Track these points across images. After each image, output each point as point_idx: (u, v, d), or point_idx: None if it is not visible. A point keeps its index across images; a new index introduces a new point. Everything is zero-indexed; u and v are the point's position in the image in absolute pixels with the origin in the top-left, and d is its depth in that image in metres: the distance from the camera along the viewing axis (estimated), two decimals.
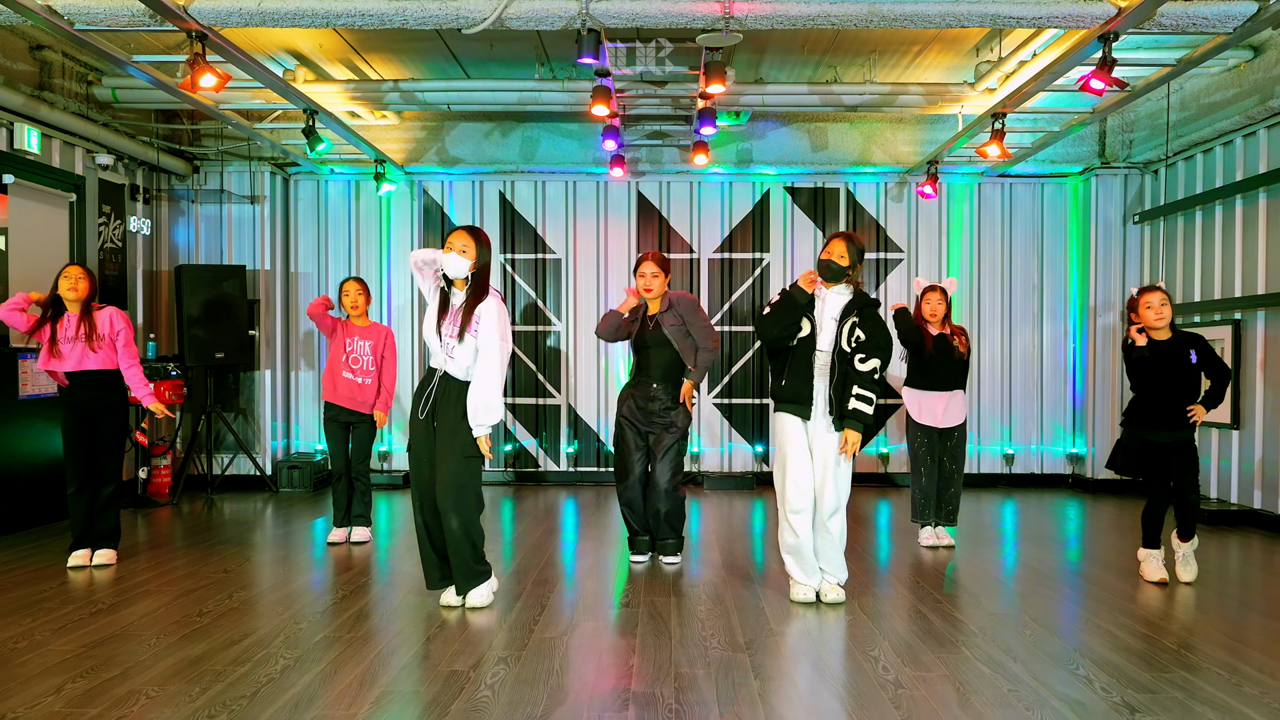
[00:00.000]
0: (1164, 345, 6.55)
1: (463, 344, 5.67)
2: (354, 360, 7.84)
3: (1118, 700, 4.31)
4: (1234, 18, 6.37)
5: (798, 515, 5.94)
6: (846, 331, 5.89)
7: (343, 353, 7.85)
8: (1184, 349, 6.54)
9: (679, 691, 4.39)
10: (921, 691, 4.42)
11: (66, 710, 4.14)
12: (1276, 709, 4.21)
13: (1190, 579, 6.60)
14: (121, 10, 6.35)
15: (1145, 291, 6.57)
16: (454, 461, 5.68)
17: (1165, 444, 6.58)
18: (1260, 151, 8.95)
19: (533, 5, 6.39)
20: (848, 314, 5.91)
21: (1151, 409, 6.61)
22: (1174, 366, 6.52)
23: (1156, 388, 6.56)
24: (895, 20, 6.46)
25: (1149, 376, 6.57)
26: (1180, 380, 6.53)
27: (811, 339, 5.93)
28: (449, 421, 5.72)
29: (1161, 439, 6.59)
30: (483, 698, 4.29)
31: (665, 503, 7.02)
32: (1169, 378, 6.53)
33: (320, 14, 6.39)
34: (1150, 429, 6.62)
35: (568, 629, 5.42)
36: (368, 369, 7.86)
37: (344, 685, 4.46)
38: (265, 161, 11.12)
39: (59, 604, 5.92)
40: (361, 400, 7.87)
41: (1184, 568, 6.66)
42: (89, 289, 6.99)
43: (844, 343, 5.88)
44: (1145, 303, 6.54)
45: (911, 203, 11.55)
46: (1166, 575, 6.59)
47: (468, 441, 5.70)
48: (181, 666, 4.72)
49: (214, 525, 8.77)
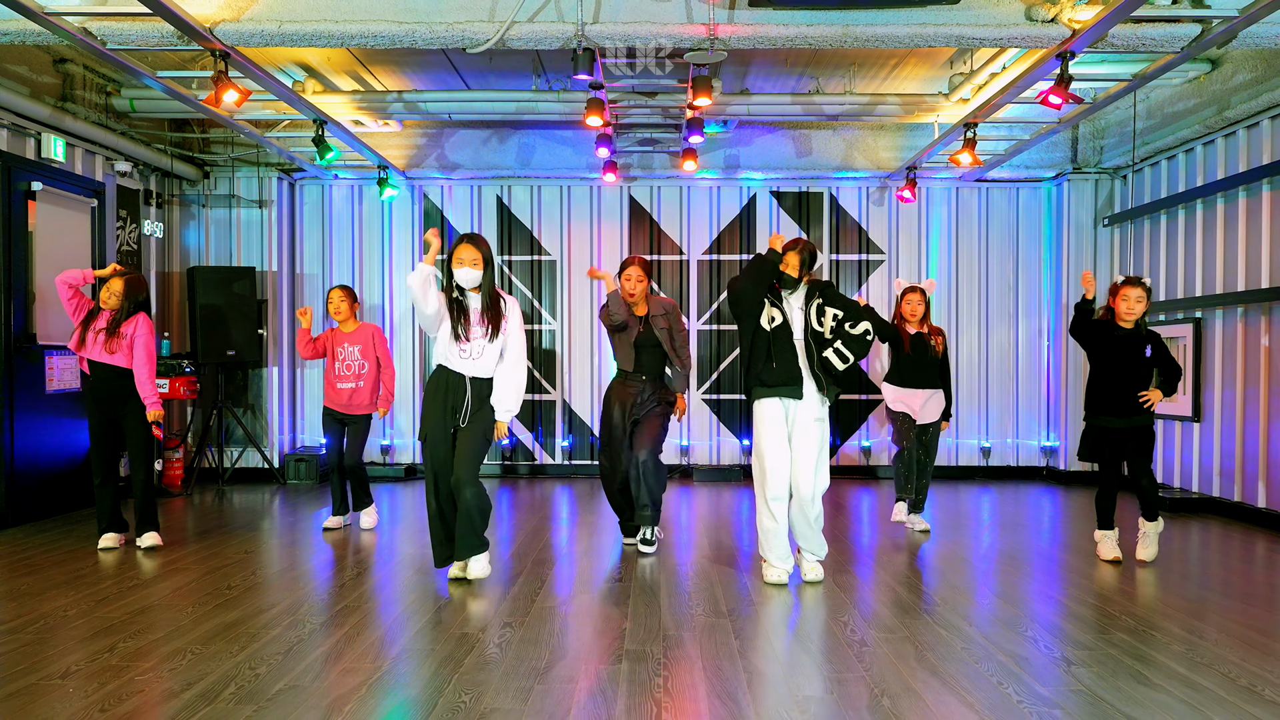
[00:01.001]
0: (1123, 332, 6.97)
1: (492, 344, 6.28)
2: (346, 367, 8.25)
3: (1058, 655, 4.84)
4: (1180, 39, 6.86)
5: (777, 502, 6.33)
6: (814, 314, 6.38)
7: (335, 362, 8.28)
8: (1141, 342, 6.98)
9: (666, 649, 4.91)
10: (884, 649, 4.94)
11: (123, 664, 4.65)
12: (1199, 663, 4.73)
13: (1147, 558, 7.02)
14: (152, 32, 6.82)
15: (1127, 284, 6.97)
16: (476, 440, 6.24)
17: (1119, 429, 7.01)
18: (1218, 159, 9.47)
19: (532, 27, 6.87)
20: (810, 300, 6.41)
21: (1104, 395, 7.04)
22: (1127, 354, 6.94)
23: (1107, 373, 7.00)
24: (867, 41, 6.95)
25: (1101, 355, 7.03)
26: (1131, 368, 6.94)
27: (787, 326, 6.37)
28: (480, 413, 6.30)
29: (1115, 424, 7.01)
30: (492, 654, 4.81)
31: (648, 458, 7.26)
32: (1121, 364, 6.96)
33: (336, 35, 6.87)
34: (1104, 415, 7.05)
35: (566, 600, 5.93)
36: (359, 373, 8.25)
37: (367, 644, 4.97)
38: (272, 167, 11.61)
39: (96, 579, 6.42)
40: (357, 404, 8.28)
41: (1143, 548, 7.07)
42: (120, 301, 7.37)
43: (814, 323, 6.37)
44: (1123, 294, 6.96)
45: (892, 206, 12.07)
46: (1120, 555, 7.07)
47: (489, 424, 6.32)
48: (219, 630, 5.22)
49: (226, 514, 9.25)
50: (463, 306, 6.30)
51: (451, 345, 6.28)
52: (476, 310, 6.29)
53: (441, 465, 6.26)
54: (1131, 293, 6.94)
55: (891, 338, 8.25)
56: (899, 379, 8.37)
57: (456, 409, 6.28)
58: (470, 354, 6.26)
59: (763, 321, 6.41)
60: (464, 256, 6.25)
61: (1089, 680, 4.48)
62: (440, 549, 6.38)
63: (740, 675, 4.53)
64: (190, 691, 4.27)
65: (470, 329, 6.25)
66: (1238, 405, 9.17)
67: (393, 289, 12.12)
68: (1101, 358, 7.07)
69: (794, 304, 6.45)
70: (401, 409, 12.03)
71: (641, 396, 7.43)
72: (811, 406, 6.35)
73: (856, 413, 12.02)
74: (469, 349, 6.26)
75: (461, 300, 6.33)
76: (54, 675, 4.50)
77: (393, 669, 4.60)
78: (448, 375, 6.30)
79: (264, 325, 11.55)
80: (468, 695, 4.22)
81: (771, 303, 6.42)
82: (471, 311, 6.29)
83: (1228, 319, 9.32)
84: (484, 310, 6.28)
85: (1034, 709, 4.11)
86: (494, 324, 6.27)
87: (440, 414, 6.28)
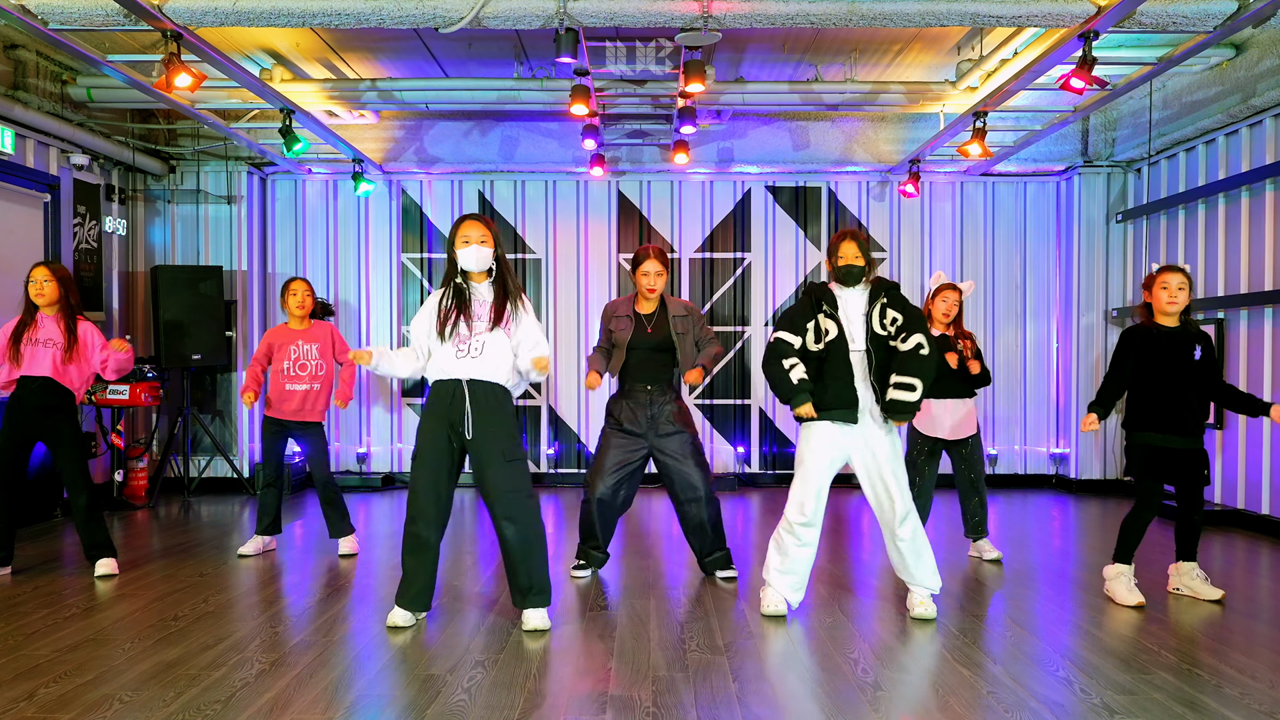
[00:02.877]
0: (1166, 332, 5.94)
1: (493, 336, 5.37)
2: (300, 366, 7.36)
3: (1097, 702, 4.28)
4: (1213, 16, 6.36)
5: (805, 529, 5.62)
6: (878, 315, 5.58)
7: (286, 360, 7.36)
8: (1189, 342, 5.91)
9: (657, 694, 4.35)
10: (900, 693, 4.39)
11: (39, 715, 4.07)
12: (1257, 709, 4.19)
13: (1215, 596, 6.04)
14: (96, 10, 6.28)
15: (1165, 270, 5.95)
16: (498, 468, 5.34)
17: (1174, 450, 5.91)
18: (1242, 150, 8.96)
19: (510, 4, 6.34)
20: (874, 300, 5.62)
21: (1154, 409, 5.95)
22: (1173, 358, 5.89)
23: (1154, 381, 5.93)
24: (874, 19, 6.43)
25: (1143, 363, 5.96)
26: (1182, 373, 5.88)
27: (843, 340, 5.57)
28: (484, 429, 5.35)
29: (1172, 444, 5.90)
30: (459, 701, 4.24)
31: (708, 509, 6.51)
32: (1169, 369, 5.89)
33: (296, 13, 6.33)
34: (1156, 432, 5.93)
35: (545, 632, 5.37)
36: (317, 373, 7.39)
37: (319, 689, 4.40)
38: (242, 161, 11.04)
39: (32, 609, 5.84)
40: (311, 409, 7.41)
41: (1203, 585, 6.07)
42: (58, 291, 6.68)
43: (877, 327, 5.57)
44: (1162, 282, 5.93)
45: (894, 202, 11.54)
46: (1143, 598, 5.98)
47: (506, 446, 5.37)
48: (156, 671, 4.65)
49: (191, 528, 8.69)
50: (464, 297, 5.40)
51: (445, 347, 5.35)
52: (485, 301, 5.41)
53: (427, 489, 5.38)
54: (1172, 279, 5.87)
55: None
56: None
57: (455, 422, 5.33)
58: (469, 351, 5.32)
59: (809, 342, 5.63)
60: (470, 235, 5.35)
61: None
62: (408, 585, 5.46)
63: None
64: None
65: (472, 322, 5.34)
66: None
67: (368, 289, 11.56)
68: (1145, 363, 5.95)
69: (853, 310, 5.65)
70: (377, 416, 11.49)
71: (651, 410, 6.51)
72: (879, 422, 5.59)
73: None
74: (468, 345, 5.32)
75: (464, 289, 5.43)
76: None
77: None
78: (444, 385, 5.38)
79: (233, 328, 10.96)
80: None
81: (826, 314, 5.63)
82: (475, 303, 5.40)
83: (1253, 320, 8.79)
84: (494, 300, 5.40)
85: None
86: (498, 317, 5.35)
87: (434, 427, 5.37)
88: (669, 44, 7.84)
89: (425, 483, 5.40)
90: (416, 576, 5.47)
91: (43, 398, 6.65)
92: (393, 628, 5.43)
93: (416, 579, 5.47)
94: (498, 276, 5.47)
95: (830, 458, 5.61)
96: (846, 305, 5.65)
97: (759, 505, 9.78)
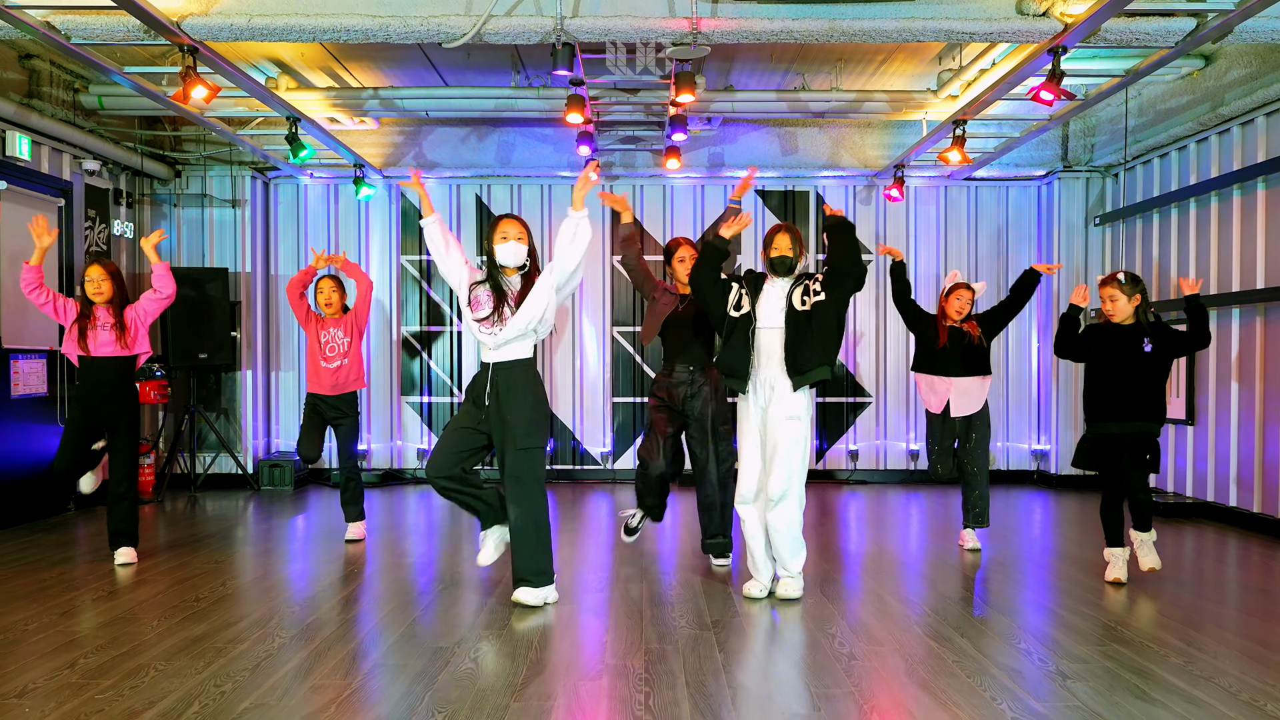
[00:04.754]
0: (1114, 328, 6.44)
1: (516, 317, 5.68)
2: (330, 348, 7.99)
3: (1052, 669, 4.66)
4: (1174, 33, 6.71)
5: (742, 504, 6.02)
6: (800, 294, 5.92)
7: (319, 344, 8.01)
8: (1138, 336, 6.37)
9: (648, 664, 4.71)
10: (873, 663, 4.76)
11: (82, 681, 4.43)
12: (1197, 675, 4.56)
13: (1156, 566, 6.42)
14: (117, 26, 6.61)
15: (1102, 284, 6.47)
16: (511, 454, 5.75)
17: (1115, 435, 6.43)
18: (1212, 157, 9.32)
19: (510, 21, 6.68)
20: (795, 286, 5.97)
21: (1098, 398, 6.47)
22: (1121, 350, 6.37)
23: (1101, 372, 6.45)
24: (854, 35, 6.78)
25: (1096, 354, 6.47)
26: (1126, 365, 6.35)
27: (750, 316, 5.95)
28: (503, 412, 5.74)
29: (1110, 430, 6.43)
30: (467, 669, 4.60)
31: (721, 494, 6.79)
32: (1114, 361, 6.39)
33: (308, 30, 6.66)
34: (1100, 420, 6.48)
35: (545, 611, 5.73)
36: (343, 352, 8.02)
37: (338, 659, 4.76)
38: (246, 166, 11.37)
39: (61, 591, 6.20)
40: (342, 383, 7.99)
41: (1144, 557, 6.48)
42: (113, 289, 7.08)
43: (797, 303, 5.90)
44: (1102, 296, 6.47)
45: (880, 205, 11.90)
46: (1124, 577, 6.46)
47: (521, 433, 5.72)
48: (184, 645, 5.01)
49: (199, 521, 9.03)
50: (500, 290, 5.76)
51: (481, 333, 5.74)
52: (515, 294, 5.76)
53: (445, 446, 5.79)
54: (1105, 291, 6.43)
55: (927, 335, 7.64)
56: (929, 366, 7.65)
57: (478, 399, 5.79)
58: (501, 336, 5.70)
59: (729, 306, 6.03)
60: (508, 232, 5.77)
61: (1086, 695, 4.30)
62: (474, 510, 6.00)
63: (724, 691, 4.34)
64: (151, 711, 4.06)
65: (503, 312, 5.69)
66: (1233, 408, 9.03)
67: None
68: (1094, 358, 6.50)
69: (774, 296, 6.01)
70: (377, 414, 11.82)
71: (690, 389, 6.76)
72: (786, 404, 5.90)
73: (843, 416, 11.85)
74: (494, 332, 5.70)
75: (499, 281, 5.80)
76: (9, 694, 4.28)
77: (364, 686, 4.40)
78: (482, 369, 5.85)
79: (237, 327, 11.30)
80: (441, 714, 4.02)
81: (746, 292, 6.03)
82: (510, 296, 5.76)
83: (1222, 320, 9.15)
84: (520, 292, 5.75)
85: None
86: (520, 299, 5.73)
87: (469, 403, 5.85)
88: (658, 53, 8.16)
89: (447, 438, 5.84)
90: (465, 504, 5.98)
91: (106, 387, 7.02)
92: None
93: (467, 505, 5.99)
94: (529, 270, 5.88)
95: (754, 431, 6.00)
96: (769, 291, 6.04)
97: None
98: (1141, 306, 6.41)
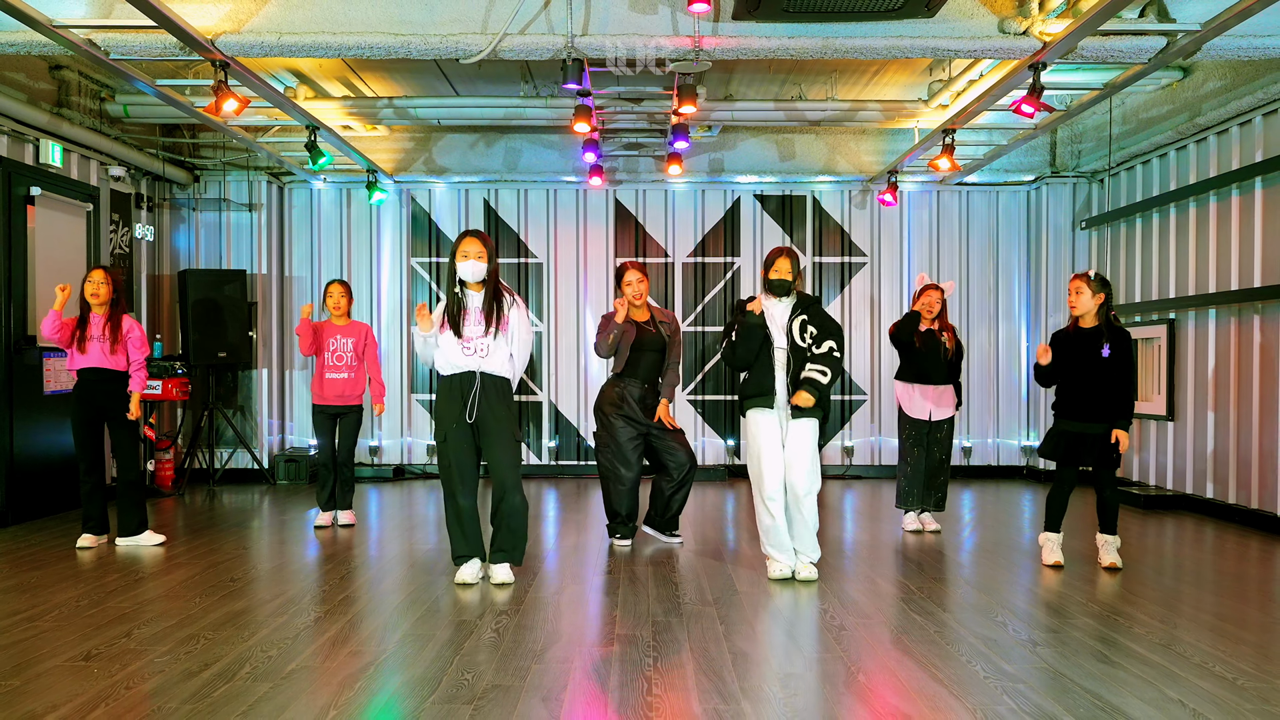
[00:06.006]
0: (1081, 332, 6.80)
1: (496, 340, 6.27)
2: (338, 358, 8.43)
3: (1024, 638, 5.10)
4: (1147, 50, 7.13)
5: (773, 501, 6.51)
6: (798, 329, 6.52)
7: (326, 351, 8.44)
8: (1097, 341, 6.72)
9: (656, 634, 5.16)
10: (861, 633, 5.19)
11: (139, 648, 4.87)
12: (1156, 643, 5.00)
13: (1117, 564, 6.78)
14: (155, 43, 7.02)
15: (1074, 278, 6.87)
16: (508, 446, 6.29)
17: (1077, 434, 6.81)
18: (1191, 164, 9.75)
19: (524, 39, 7.09)
20: (795, 314, 6.56)
21: (1062, 397, 6.92)
22: (1082, 353, 6.75)
23: (1064, 373, 6.84)
24: (846, 52, 7.19)
25: (1059, 359, 6.84)
26: (1085, 367, 6.73)
27: (769, 340, 6.54)
28: (495, 413, 6.25)
29: (1073, 428, 6.83)
30: (490, 638, 5.04)
31: (689, 486, 7.66)
32: (1075, 363, 6.78)
33: (334, 47, 7.08)
34: (1065, 418, 6.89)
35: (558, 590, 6.17)
36: (351, 364, 8.46)
37: (370, 630, 5.20)
38: (262, 171, 11.81)
39: (103, 573, 6.62)
40: (349, 395, 8.49)
41: (1105, 555, 6.85)
42: (110, 292, 7.51)
43: (797, 338, 6.51)
44: (1070, 288, 6.87)
45: (874, 209, 12.33)
46: (1061, 559, 6.92)
47: (513, 428, 6.32)
48: (228, 618, 5.44)
49: (219, 513, 9.45)
50: (462, 304, 6.29)
51: (454, 346, 6.24)
52: (477, 308, 6.29)
53: (464, 465, 6.30)
54: (1072, 284, 6.84)
55: (905, 341, 8.25)
56: (908, 374, 8.34)
57: (468, 407, 6.23)
58: (475, 350, 6.23)
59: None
60: (468, 250, 6.23)
61: (1052, 659, 4.74)
62: (460, 546, 6.37)
63: (725, 655, 4.77)
64: (208, 671, 4.49)
65: (471, 325, 6.24)
66: (1209, 404, 9.46)
67: (381, 291, 12.32)
68: (1060, 361, 6.90)
69: (779, 316, 6.59)
70: (390, 409, 12.22)
71: (646, 401, 7.58)
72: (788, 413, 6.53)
73: (838, 413, 12.25)
74: (472, 346, 6.22)
75: (461, 297, 6.31)
76: (76, 658, 4.71)
77: (397, 652, 4.83)
78: (457, 375, 6.29)
79: (254, 327, 11.74)
80: (470, 674, 4.45)
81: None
82: (472, 310, 6.29)
83: (1200, 320, 9.59)
84: (483, 306, 6.28)
85: (1000, 684, 4.36)
86: (494, 319, 6.24)
87: (458, 413, 6.24)
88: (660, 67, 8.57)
89: (460, 459, 6.31)
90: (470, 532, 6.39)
91: (100, 385, 7.50)
92: (462, 584, 6.30)
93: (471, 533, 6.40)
94: (491, 285, 6.36)
95: (776, 436, 6.54)
96: (773, 310, 6.63)
97: (746, 493, 10.54)
98: (1104, 307, 6.82)
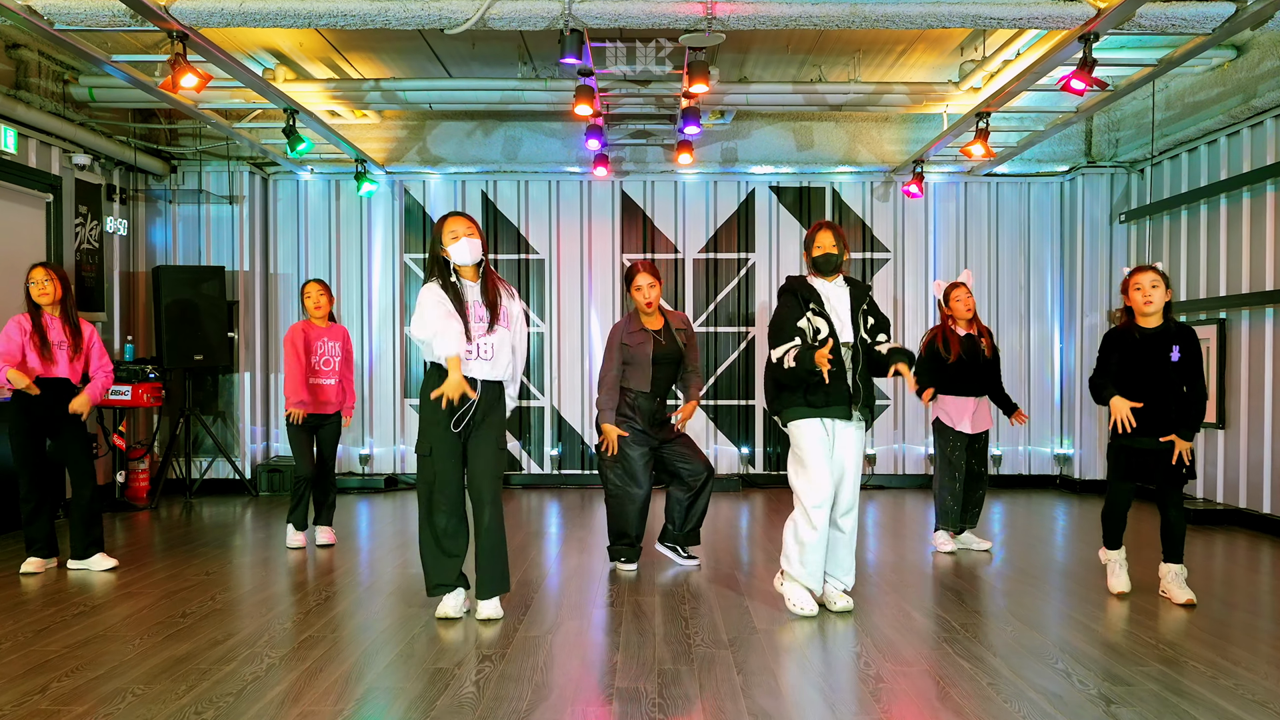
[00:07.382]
0: (1145, 334, 5.91)
1: (499, 337, 5.43)
2: (325, 362, 7.77)
3: (1094, 693, 4.32)
4: (1212, 18, 6.41)
5: (819, 510, 5.59)
6: (863, 320, 5.73)
7: (313, 356, 7.73)
8: (1166, 343, 5.86)
9: (662, 686, 4.39)
10: (901, 685, 4.43)
11: (53, 708, 4.12)
12: (1251, 700, 4.23)
13: (1186, 600, 5.87)
14: (102, 10, 6.34)
15: (1137, 271, 5.95)
16: (492, 453, 5.49)
17: (1146, 450, 5.91)
18: (1244, 150, 9.00)
19: (515, 6, 6.39)
20: (857, 305, 5.74)
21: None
22: (1150, 357, 5.87)
23: (1128, 382, 5.90)
24: (877, 21, 6.49)
25: (1121, 366, 5.95)
26: (1156, 373, 5.85)
27: (834, 336, 5.61)
28: (488, 419, 5.49)
29: (1142, 444, 5.90)
30: (468, 694, 4.28)
31: (708, 494, 6.96)
32: (1143, 370, 5.88)
33: (302, 14, 6.39)
34: (1129, 435, 5.90)
35: (552, 628, 5.41)
36: (335, 369, 7.82)
37: (329, 683, 4.44)
38: (244, 161, 11.09)
39: (40, 606, 5.89)
40: (332, 401, 7.84)
41: (1174, 588, 5.96)
42: (59, 289, 6.82)
43: (864, 332, 5.71)
44: (1134, 283, 5.92)
45: (897, 202, 11.59)
46: (1128, 587, 6.13)
47: (500, 436, 5.55)
48: (167, 665, 4.69)
49: (193, 529, 8.74)
50: (461, 298, 5.35)
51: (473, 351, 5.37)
52: (476, 300, 5.40)
53: (450, 481, 5.44)
54: (1144, 279, 5.86)
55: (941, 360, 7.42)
56: (951, 387, 7.46)
57: (462, 417, 5.37)
58: (478, 353, 5.35)
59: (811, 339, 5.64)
60: (456, 229, 5.34)
61: None
62: (438, 575, 5.52)
63: (745, 719, 4.01)
64: None
65: (473, 323, 5.32)
66: (1266, 411, 8.69)
67: (372, 289, 11.60)
68: (1123, 367, 5.94)
69: (839, 305, 5.73)
70: (380, 416, 11.53)
71: (657, 416, 6.86)
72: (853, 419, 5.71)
73: None
74: (475, 347, 5.33)
75: (459, 288, 5.38)
76: None
77: (356, 713, 4.08)
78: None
79: (235, 328, 11.00)
80: None
81: (815, 312, 5.66)
82: (471, 304, 5.38)
83: (1255, 320, 8.84)
84: (483, 297, 5.40)
85: None
86: (492, 309, 5.38)
87: (448, 423, 5.37)
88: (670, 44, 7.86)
89: (445, 473, 5.45)
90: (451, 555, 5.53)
91: (57, 395, 6.79)
92: (444, 618, 5.53)
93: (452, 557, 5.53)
94: (484, 271, 5.51)
95: (826, 445, 5.66)
96: (831, 299, 5.74)
97: (763, 505, 9.84)
98: (1168, 304, 5.97)
